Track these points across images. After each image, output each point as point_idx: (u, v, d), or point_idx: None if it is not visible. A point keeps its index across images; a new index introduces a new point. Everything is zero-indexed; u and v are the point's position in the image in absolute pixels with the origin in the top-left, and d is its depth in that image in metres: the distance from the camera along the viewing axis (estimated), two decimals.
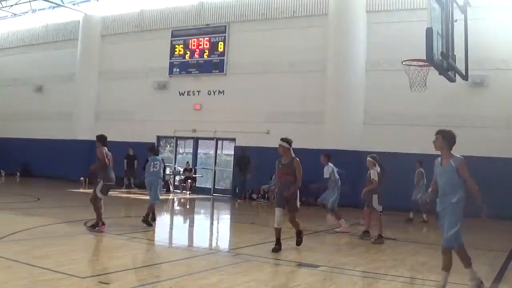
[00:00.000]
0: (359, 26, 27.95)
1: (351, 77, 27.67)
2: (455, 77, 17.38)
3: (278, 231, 12.92)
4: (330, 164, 17.88)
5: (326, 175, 17.77)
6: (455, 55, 16.84)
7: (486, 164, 24.31)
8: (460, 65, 17.48)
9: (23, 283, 8.32)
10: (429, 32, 13.98)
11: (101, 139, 16.02)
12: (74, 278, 8.76)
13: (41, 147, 36.87)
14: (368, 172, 16.54)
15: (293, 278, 10.23)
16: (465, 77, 18.21)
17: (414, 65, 19.16)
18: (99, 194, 15.08)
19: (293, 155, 13.36)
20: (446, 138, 9.01)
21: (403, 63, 19.54)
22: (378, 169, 16.50)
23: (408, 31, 25.21)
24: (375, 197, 16.14)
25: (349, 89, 27.65)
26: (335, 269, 11.06)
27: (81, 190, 29.67)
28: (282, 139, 13.59)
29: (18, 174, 38.01)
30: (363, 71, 27.71)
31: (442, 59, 15.21)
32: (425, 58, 14.43)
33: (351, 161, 24.40)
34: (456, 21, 17.04)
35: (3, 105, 41.53)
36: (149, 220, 16.44)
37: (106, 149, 15.78)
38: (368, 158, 16.89)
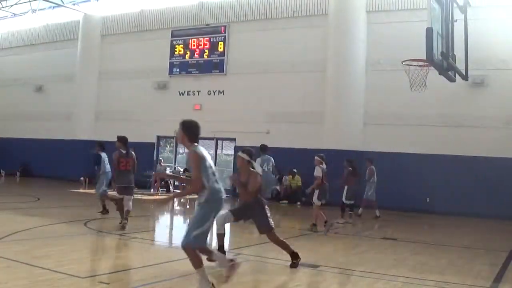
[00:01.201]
0: (359, 26, 27.97)
1: (351, 77, 27.68)
2: (455, 77, 17.39)
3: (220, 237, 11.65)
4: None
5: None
6: (455, 55, 16.83)
7: (486, 164, 24.38)
8: (460, 65, 17.48)
9: (23, 283, 8.32)
10: (429, 32, 13.98)
11: (120, 140, 16.40)
12: (74, 278, 8.76)
13: (41, 147, 36.86)
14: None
15: (293, 278, 10.22)
16: (465, 77, 18.21)
17: (414, 65, 19.16)
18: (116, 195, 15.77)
19: (253, 169, 11.26)
20: (185, 129, 8.83)
21: (403, 63, 19.53)
22: (324, 167, 17.52)
23: (408, 31, 25.20)
24: (316, 192, 17.32)
25: (349, 89, 27.67)
26: (335, 269, 11.08)
27: (81, 190, 29.67)
28: (243, 150, 11.48)
29: (18, 174, 38.01)
30: (363, 71, 27.71)
31: (442, 59, 15.22)
32: (425, 58, 14.43)
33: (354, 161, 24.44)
34: (456, 21, 17.04)
35: (3, 105, 41.53)
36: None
37: (123, 152, 16.06)
38: (316, 157, 17.83)
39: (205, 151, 8.64)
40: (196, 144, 8.56)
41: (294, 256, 10.96)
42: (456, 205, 24.26)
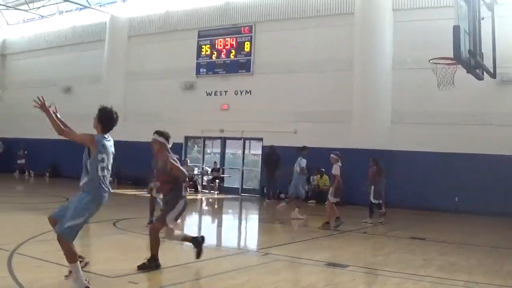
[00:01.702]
0: (385, 24, 27.84)
1: (378, 76, 27.57)
2: (483, 75, 17.30)
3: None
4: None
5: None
6: (482, 53, 16.76)
7: None
8: (487, 62, 17.41)
9: (52, 282, 8.39)
10: (456, 30, 13.93)
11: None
12: (104, 277, 8.82)
13: (69, 148, 36.81)
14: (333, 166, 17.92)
15: (322, 278, 10.21)
16: (493, 75, 18.12)
17: (442, 63, 19.05)
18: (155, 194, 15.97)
19: (169, 154, 10.36)
20: (100, 117, 8.82)
21: (431, 61, 19.42)
22: (340, 165, 17.80)
23: (434, 29, 25.06)
24: (332, 189, 17.75)
25: (376, 88, 27.56)
26: (364, 269, 11.06)
27: (111, 191, 29.79)
28: (158, 132, 10.83)
29: (47, 174, 38.31)
30: (390, 69, 27.58)
31: (470, 57, 15.15)
32: (452, 56, 14.36)
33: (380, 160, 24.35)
34: (483, 18, 16.96)
35: (31, 106, 41.75)
36: None
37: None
38: (332, 155, 18.15)
39: (110, 146, 8.87)
40: (104, 135, 8.85)
41: (151, 259, 9.85)
42: (485, 204, 24.08)
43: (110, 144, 8.71)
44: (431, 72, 19.73)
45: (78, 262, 7.86)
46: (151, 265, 9.68)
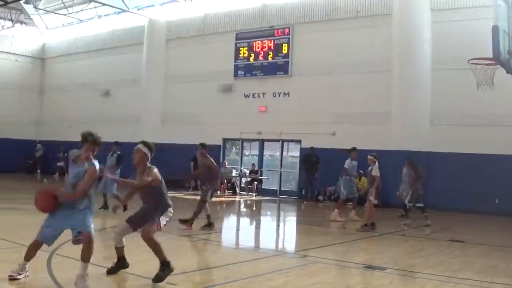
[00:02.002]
0: (424, 25, 27.60)
1: (417, 77, 27.32)
2: None
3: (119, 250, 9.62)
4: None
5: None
6: None
7: None
8: None
9: (91, 283, 8.48)
10: (495, 30, 13.81)
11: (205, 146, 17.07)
12: (142, 278, 8.90)
13: (108, 150, 37.29)
14: (371, 168, 17.96)
15: (360, 280, 10.19)
16: None
17: (481, 64, 18.89)
18: (209, 199, 16.29)
19: (148, 165, 9.74)
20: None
21: (470, 61, 19.26)
22: (377, 165, 17.91)
23: (474, 29, 24.82)
24: (373, 190, 17.72)
25: (415, 89, 27.32)
26: (402, 271, 11.00)
27: None
28: (143, 142, 10.12)
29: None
30: (428, 70, 27.31)
31: (509, 57, 14.99)
32: (491, 56, 14.23)
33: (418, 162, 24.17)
34: None
35: (72, 109, 42.24)
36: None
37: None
38: (369, 156, 18.15)
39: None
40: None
41: (163, 266, 9.15)
42: None
43: None
44: (471, 73, 19.57)
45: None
46: (165, 273, 9.06)
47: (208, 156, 16.83)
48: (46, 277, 8.82)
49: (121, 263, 9.49)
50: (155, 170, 9.51)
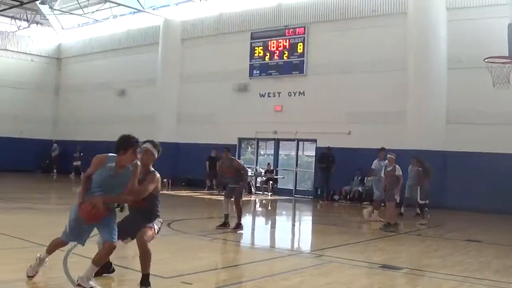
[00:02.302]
0: (440, 23, 27.48)
1: (433, 76, 27.20)
2: None
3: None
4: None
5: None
6: None
7: None
8: None
9: (107, 282, 8.50)
10: (511, 28, 13.74)
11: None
12: (158, 278, 8.88)
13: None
14: (392, 167, 18.08)
15: (375, 280, 10.14)
16: None
17: (497, 62, 18.81)
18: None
19: (152, 169, 8.80)
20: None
21: (486, 60, 19.17)
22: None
23: (489, 27, 24.72)
24: (398, 190, 17.94)
25: (430, 88, 27.20)
26: (418, 271, 10.94)
27: (165, 192, 30.03)
28: (153, 143, 8.96)
29: None
30: (444, 69, 27.19)
31: None
32: (507, 55, 14.17)
33: (434, 161, 24.06)
34: None
35: (87, 109, 42.44)
36: None
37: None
38: (390, 156, 18.37)
39: None
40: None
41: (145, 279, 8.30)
42: None
43: None
44: (487, 71, 19.48)
45: None
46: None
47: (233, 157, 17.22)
48: (62, 276, 8.84)
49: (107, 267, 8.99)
50: (158, 175, 8.64)
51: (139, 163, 8.28)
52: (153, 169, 8.72)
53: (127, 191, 8.11)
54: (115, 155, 8.06)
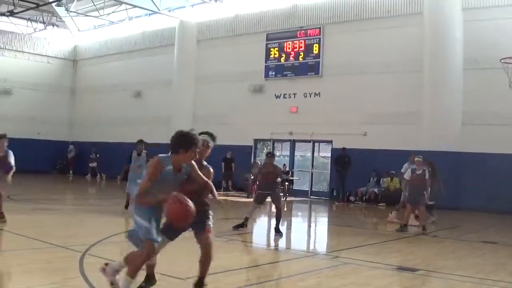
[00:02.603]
0: (455, 24, 27.38)
1: (448, 76, 27.13)
2: None
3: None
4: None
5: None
6: None
7: None
8: None
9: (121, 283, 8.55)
10: None
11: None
12: (173, 279, 8.91)
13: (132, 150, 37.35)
14: (422, 171, 17.83)
15: (391, 282, 10.13)
16: None
17: None
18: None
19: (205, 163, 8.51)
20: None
21: (502, 61, 19.12)
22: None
23: (505, 28, 24.70)
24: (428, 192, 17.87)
25: (446, 89, 27.11)
26: (434, 273, 10.91)
27: None
28: (209, 135, 8.87)
29: (119, 177, 38.84)
30: (460, 70, 27.07)
31: None
32: None
33: (449, 163, 23.99)
34: None
35: (103, 111, 42.62)
36: None
37: None
38: (420, 159, 18.12)
39: None
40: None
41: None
42: None
43: None
44: (503, 72, 19.43)
45: None
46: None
47: None
48: (78, 276, 8.89)
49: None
50: (212, 170, 8.41)
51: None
52: (205, 163, 8.44)
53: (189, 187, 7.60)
54: (170, 155, 7.50)
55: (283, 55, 33.29)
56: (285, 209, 26.67)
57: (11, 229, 13.66)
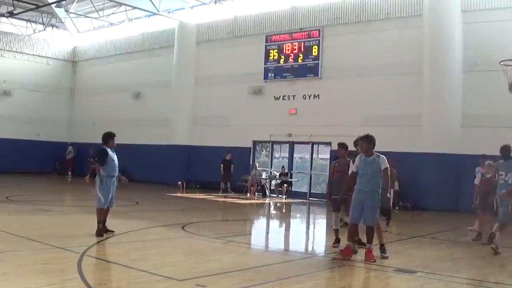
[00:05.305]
0: (455, 26, 27.35)
1: (448, 79, 27.10)
2: None
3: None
4: None
5: None
6: None
7: None
8: None
9: (122, 284, 8.53)
10: None
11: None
12: (172, 280, 8.90)
13: (139, 152, 37.40)
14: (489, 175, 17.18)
15: (389, 283, 10.12)
16: None
17: None
18: None
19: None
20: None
21: (501, 63, 19.10)
22: None
23: (505, 30, 24.66)
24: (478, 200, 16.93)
25: (446, 91, 27.09)
26: (433, 275, 10.88)
27: (179, 195, 30.11)
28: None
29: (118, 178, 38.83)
30: (459, 72, 27.04)
31: None
32: None
33: (448, 165, 23.96)
34: None
35: (103, 112, 42.57)
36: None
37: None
38: (489, 162, 17.66)
39: None
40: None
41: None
42: None
43: None
44: (502, 74, 19.41)
45: None
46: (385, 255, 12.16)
47: None
48: (76, 277, 8.87)
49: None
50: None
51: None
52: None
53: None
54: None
55: (283, 56, 33.28)
56: (284, 210, 26.72)
57: (10, 230, 13.64)
